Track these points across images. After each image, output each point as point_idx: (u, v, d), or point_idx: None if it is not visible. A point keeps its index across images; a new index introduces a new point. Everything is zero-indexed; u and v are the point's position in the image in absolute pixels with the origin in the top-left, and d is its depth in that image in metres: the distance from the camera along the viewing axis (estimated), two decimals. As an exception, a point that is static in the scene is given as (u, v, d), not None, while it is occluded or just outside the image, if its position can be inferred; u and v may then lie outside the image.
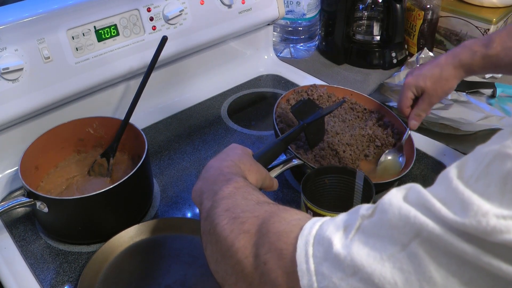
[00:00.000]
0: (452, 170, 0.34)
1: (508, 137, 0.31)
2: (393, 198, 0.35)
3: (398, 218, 0.34)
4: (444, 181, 0.33)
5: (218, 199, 0.52)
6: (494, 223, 0.29)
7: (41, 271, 0.71)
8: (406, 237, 0.33)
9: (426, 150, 0.91)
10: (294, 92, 0.96)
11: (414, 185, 0.35)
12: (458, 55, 0.79)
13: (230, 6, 1.04)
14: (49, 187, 0.80)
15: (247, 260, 0.44)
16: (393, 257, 0.33)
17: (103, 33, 0.87)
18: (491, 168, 0.31)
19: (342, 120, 0.92)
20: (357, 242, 0.36)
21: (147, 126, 1.01)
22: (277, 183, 0.68)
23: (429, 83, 0.81)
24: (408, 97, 0.85)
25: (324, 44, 1.28)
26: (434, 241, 0.32)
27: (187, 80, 1.10)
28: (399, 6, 1.12)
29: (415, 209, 0.33)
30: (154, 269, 0.70)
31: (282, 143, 0.73)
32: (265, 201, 0.51)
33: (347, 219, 0.39)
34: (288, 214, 0.45)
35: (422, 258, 0.32)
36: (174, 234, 0.75)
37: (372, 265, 0.34)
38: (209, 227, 0.50)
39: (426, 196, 0.33)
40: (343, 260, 0.35)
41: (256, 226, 0.45)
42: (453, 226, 0.31)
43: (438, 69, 0.81)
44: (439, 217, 0.32)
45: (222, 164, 0.60)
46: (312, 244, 0.38)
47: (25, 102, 0.80)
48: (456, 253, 0.31)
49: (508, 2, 1.20)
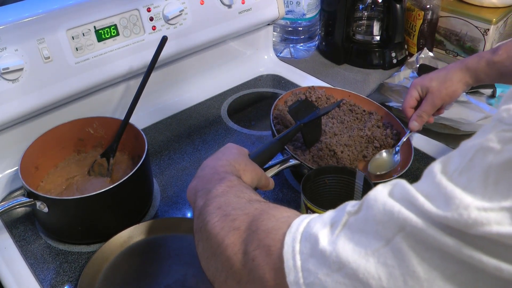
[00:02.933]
0: (436, 165, 0.34)
1: (490, 131, 0.31)
2: (378, 194, 0.36)
3: (382, 213, 0.34)
4: (429, 176, 0.34)
5: (211, 197, 0.53)
6: (475, 215, 0.29)
7: (41, 271, 0.71)
8: (390, 232, 0.33)
9: (426, 150, 0.91)
10: (292, 94, 0.95)
11: (399, 181, 0.36)
12: (465, 60, 0.82)
13: (230, 6, 1.04)
14: (49, 187, 0.80)
15: (236, 257, 0.44)
16: (377, 252, 0.33)
17: (103, 33, 0.87)
18: (474, 161, 0.31)
19: (341, 121, 0.92)
20: (342, 238, 0.36)
21: (147, 126, 1.01)
22: (273, 182, 0.68)
23: (434, 83, 0.83)
24: (413, 96, 0.85)
25: (324, 44, 1.28)
26: (417, 235, 0.32)
27: (187, 80, 1.10)
28: (399, 6, 1.12)
29: (399, 204, 0.33)
30: (154, 269, 0.70)
31: (278, 143, 0.73)
32: (256, 199, 0.51)
33: (334, 216, 0.39)
34: (278, 211, 0.46)
35: (405, 253, 0.32)
36: (174, 234, 0.75)
37: (357, 260, 0.34)
38: (201, 225, 0.51)
39: (410, 191, 0.33)
40: (329, 256, 0.35)
41: (246, 223, 0.46)
42: (435, 220, 0.31)
43: (444, 71, 0.84)
44: (422, 211, 0.32)
45: (217, 163, 0.61)
46: (299, 241, 0.39)
47: (25, 102, 0.80)
48: (438, 247, 0.31)
49: (508, 2, 1.20)
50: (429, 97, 0.84)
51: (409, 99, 0.86)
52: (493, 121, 0.32)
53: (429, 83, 0.83)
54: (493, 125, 0.32)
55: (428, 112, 0.85)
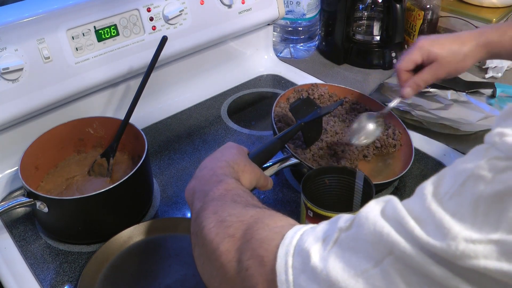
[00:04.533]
0: (428, 186, 0.34)
1: (482, 156, 0.31)
2: (370, 212, 0.36)
3: (373, 233, 0.34)
4: (420, 197, 0.34)
5: (207, 200, 0.53)
6: (463, 247, 0.29)
7: (41, 271, 0.71)
8: (379, 253, 0.33)
9: (426, 150, 0.91)
10: (294, 91, 0.95)
11: (391, 199, 0.36)
12: (484, 33, 0.73)
13: (230, 6, 1.04)
14: (49, 187, 0.80)
15: (230, 265, 0.45)
16: (366, 273, 0.34)
17: (103, 33, 0.87)
18: (464, 187, 0.31)
19: (342, 120, 0.92)
20: (333, 256, 0.36)
21: (147, 126, 1.01)
22: (271, 182, 0.68)
23: (446, 53, 0.72)
24: (414, 59, 0.74)
25: (324, 44, 1.28)
26: (406, 260, 0.32)
27: (187, 80, 1.10)
28: (399, 6, 1.12)
29: (389, 225, 0.34)
30: (154, 269, 0.70)
31: (278, 141, 0.73)
32: (253, 205, 0.51)
33: (326, 229, 0.39)
34: (272, 221, 0.46)
35: (393, 276, 0.32)
36: (174, 234, 0.75)
37: (346, 280, 0.34)
38: (197, 229, 0.51)
39: (401, 213, 0.33)
40: (319, 274, 0.36)
41: (241, 231, 0.46)
42: (424, 247, 0.31)
43: (459, 41, 0.73)
44: (412, 236, 0.32)
45: (216, 164, 0.61)
46: (292, 255, 0.39)
47: (25, 102, 0.80)
48: (426, 273, 0.31)
49: (508, 2, 1.20)
50: (434, 66, 0.73)
51: (408, 61, 0.74)
52: (486, 144, 0.32)
53: (440, 50, 0.72)
54: (486, 149, 0.32)
55: (427, 82, 0.75)
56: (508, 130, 0.31)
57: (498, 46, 0.72)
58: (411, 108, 0.99)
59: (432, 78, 0.75)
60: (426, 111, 0.99)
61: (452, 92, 1.04)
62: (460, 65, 0.73)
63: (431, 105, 1.01)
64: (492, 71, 1.13)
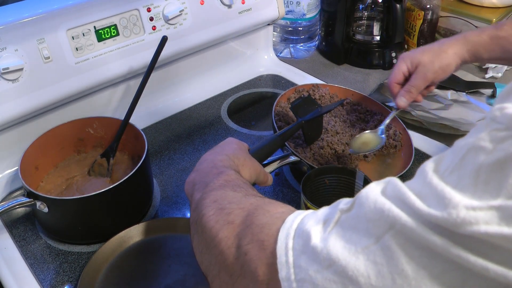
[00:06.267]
0: (429, 164, 0.34)
1: (483, 130, 0.31)
2: (370, 192, 0.36)
3: (373, 211, 0.34)
4: (421, 175, 0.34)
5: (208, 190, 0.53)
6: (464, 214, 0.29)
7: (41, 271, 0.71)
8: (380, 229, 0.33)
9: (426, 150, 0.91)
10: (295, 91, 0.95)
11: (392, 179, 0.36)
12: (463, 33, 0.76)
13: (230, 6, 1.04)
14: (49, 187, 0.80)
15: (229, 251, 0.44)
16: (367, 250, 0.34)
17: (103, 33, 0.87)
18: (465, 160, 0.31)
19: (343, 120, 0.92)
20: (334, 235, 0.36)
21: (147, 126, 1.01)
22: (271, 178, 0.68)
23: (426, 55, 0.76)
24: (401, 70, 0.78)
25: (324, 44, 1.28)
26: (406, 233, 0.32)
27: (187, 80, 1.10)
28: (399, 6, 1.12)
29: (390, 202, 0.34)
30: (154, 269, 0.70)
31: (279, 139, 0.73)
32: (253, 194, 0.51)
33: (327, 213, 0.39)
34: (273, 207, 0.46)
35: (394, 251, 0.32)
36: (174, 234, 0.75)
37: (346, 258, 0.34)
38: (197, 218, 0.51)
39: (402, 189, 0.33)
40: (320, 253, 0.36)
41: (241, 217, 0.46)
42: (425, 219, 0.31)
43: (438, 43, 0.77)
44: (413, 209, 0.32)
45: (216, 157, 0.61)
46: (293, 237, 0.39)
47: (25, 102, 0.80)
48: (427, 245, 0.31)
49: (508, 2, 1.20)
50: (420, 70, 0.76)
51: (396, 74, 0.78)
52: (486, 120, 0.32)
53: (421, 55, 0.76)
54: (486, 124, 0.32)
55: (418, 87, 0.77)
56: (508, 104, 0.31)
57: (477, 45, 0.74)
58: (411, 108, 0.99)
59: (421, 82, 0.77)
60: (426, 111, 0.99)
61: (452, 92, 1.04)
62: (444, 63, 0.76)
63: (431, 105, 1.01)
64: (492, 71, 1.13)
